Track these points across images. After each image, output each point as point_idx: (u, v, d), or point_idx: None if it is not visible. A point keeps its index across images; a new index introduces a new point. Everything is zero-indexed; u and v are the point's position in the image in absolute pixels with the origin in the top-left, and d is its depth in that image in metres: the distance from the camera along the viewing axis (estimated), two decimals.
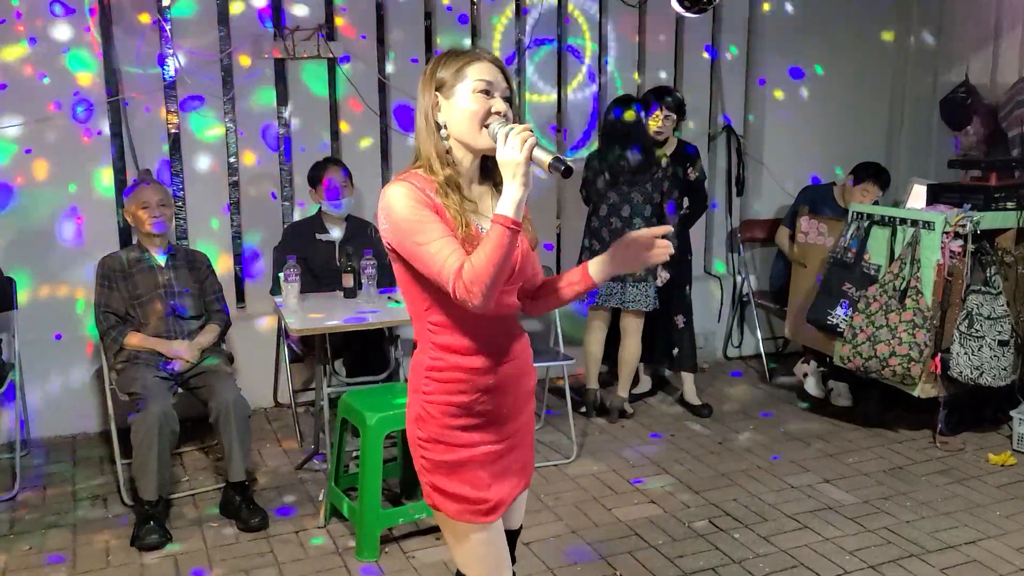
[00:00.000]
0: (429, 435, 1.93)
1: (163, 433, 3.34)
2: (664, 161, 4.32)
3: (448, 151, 1.87)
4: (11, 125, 4.09)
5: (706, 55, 5.40)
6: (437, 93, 1.86)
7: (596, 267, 2.02)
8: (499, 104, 1.83)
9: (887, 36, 5.64)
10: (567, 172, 1.74)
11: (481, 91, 1.82)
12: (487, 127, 1.81)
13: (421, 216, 1.78)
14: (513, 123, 1.80)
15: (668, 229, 2.02)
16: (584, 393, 4.60)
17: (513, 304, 1.96)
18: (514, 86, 1.89)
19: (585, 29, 5.06)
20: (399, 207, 1.80)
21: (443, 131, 1.87)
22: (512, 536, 2.13)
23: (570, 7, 5.01)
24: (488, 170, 1.93)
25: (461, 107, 1.83)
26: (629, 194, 4.28)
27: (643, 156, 4.26)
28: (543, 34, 4.98)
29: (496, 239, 1.71)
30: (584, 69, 5.09)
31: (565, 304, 2.12)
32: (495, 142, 1.77)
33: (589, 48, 5.09)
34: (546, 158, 1.74)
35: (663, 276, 4.36)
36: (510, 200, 1.72)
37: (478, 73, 1.83)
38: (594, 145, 4.92)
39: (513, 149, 1.71)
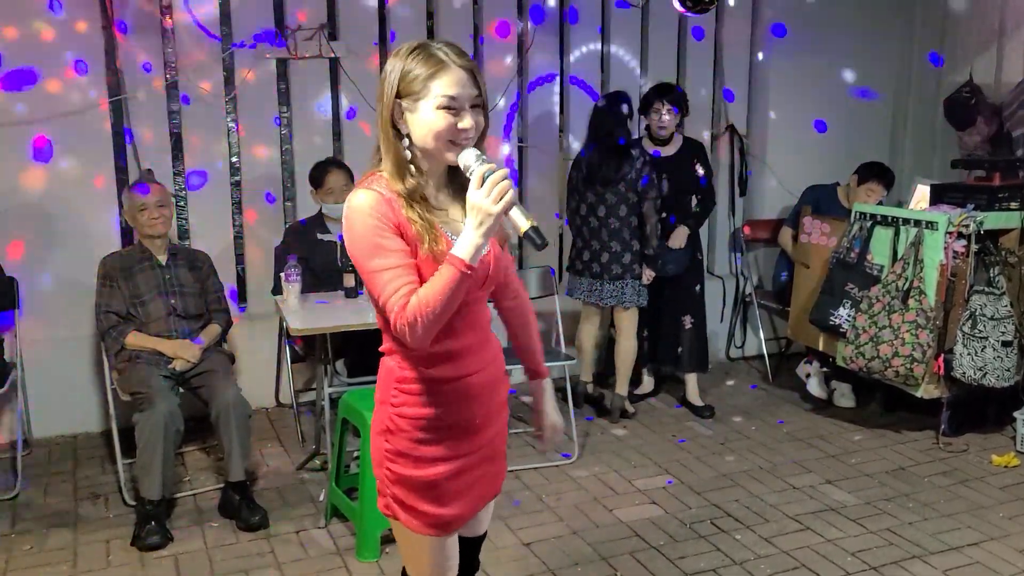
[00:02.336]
0: (396, 448, 1.86)
1: (168, 432, 3.34)
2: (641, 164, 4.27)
3: (411, 160, 1.76)
4: (12, 125, 4.10)
5: (708, 55, 5.40)
6: (399, 101, 1.74)
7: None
8: (466, 121, 1.71)
9: (891, 36, 5.62)
10: (542, 246, 1.65)
11: (446, 107, 1.70)
12: (453, 144, 1.71)
13: (380, 239, 1.70)
14: (488, 158, 1.69)
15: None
16: (575, 386, 4.58)
17: (484, 312, 1.91)
18: (485, 90, 1.76)
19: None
20: (359, 224, 1.71)
21: (405, 140, 1.76)
22: (476, 543, 2.11)
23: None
24: (456, 174, 1.81)
25: (425, 123, 1.72)
26: (603, 194, 4.26)
27: (619, 151, 4.22)
28: (543, 36, 4.97)
29: (447, 280, 1.65)
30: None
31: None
32: (467, 174, 1.67)
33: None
34: (523, 224, 1.63)
35: (648, 275, 4.35)
36: (470, 245, 1.64)
37: (443, 87, 1.70)
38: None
39: (488, 197, 1.61)
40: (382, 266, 1.70)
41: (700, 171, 4.56)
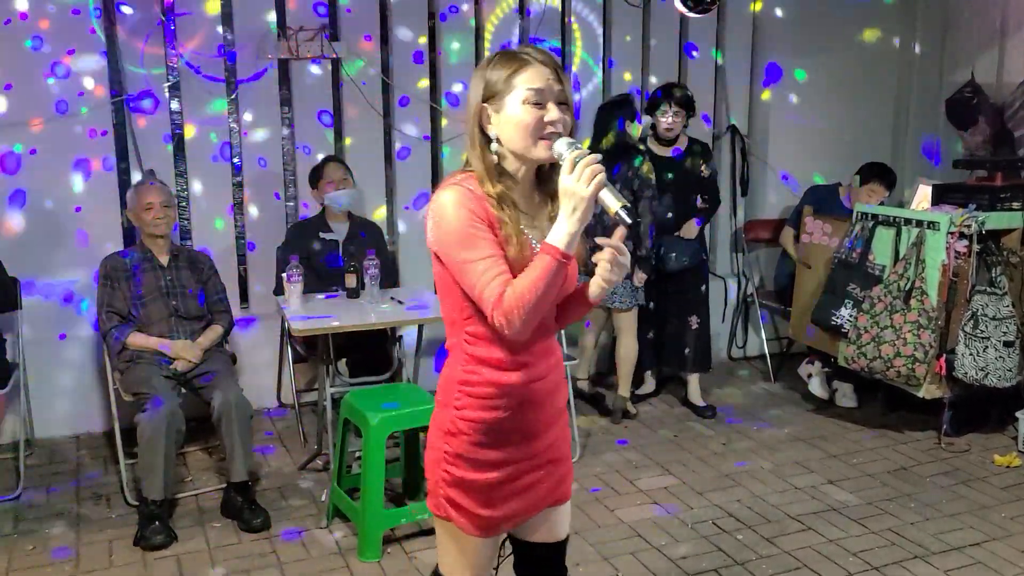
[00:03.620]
0: (456, 450, 1.85)
1: (170, 432, 3.35)
2: (643, 165, 4.26)
3: (498, 164, 1.78)
4: (15, 124, 4.10)
5: (711, 55, 5.39)
6: (486, 104, 1.76)
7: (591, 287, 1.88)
8: (552, 113, 1.73)
9: (892, 36, 5.62)
10: (633, 225, 1.68)
11: (532, 102, 1.72)
12: (545, 139, 1.72)
13: (473, 229, 1.70)
14: (577, 143, 1.71)
15: (612, 241, 1.77)
16: (573, 383, 4.57)
17: (550, 320, 1.90)
18: (569, 87, 1.79)
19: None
20: (452, 215, 1.71)
21: (493, 144, 1.77)
22: (559, 548, 2.06)
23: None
24: (543, 179, 1.84)
25: (512, 119, 1.73)
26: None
27: (617, 152, 4.22)
28: (545, 35, 4.97)
29: (543, 269, 1.65)
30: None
31: (579, 319, 2.00)
32: (560, 162, 1.68)
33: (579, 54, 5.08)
34: (613, 204, 1.65)
35: (639, 276, 4.35)
36: (564, 233, 1.65)
37: (528, 81, 1.72)
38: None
39: (580, 181, 1.63)
40: (477, 255, 1.70)
41: (706, 171, 4.57)
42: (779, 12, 5.40)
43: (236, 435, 3.46)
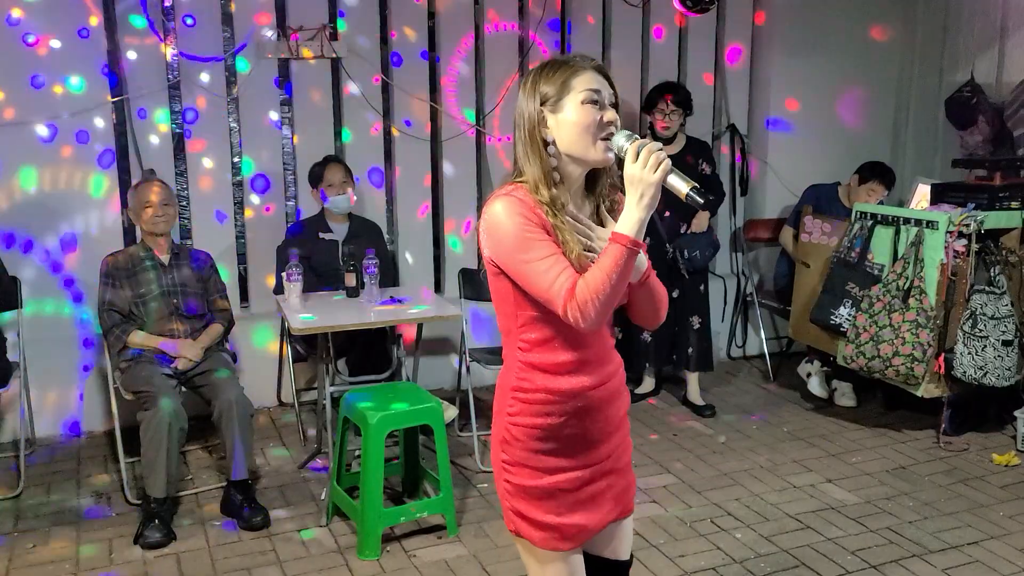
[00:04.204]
0: (514, 459, 1.85)
1: (172, 430, 3.36)
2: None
3: (555, 168, 1.78)
4: (16, 124, 4.11)
5: (710, 55, 5.40)
6: (542, 108, 1.78)
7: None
8: (610, 114, 1.76)
9: (892, 36, 5.62)
10: (706, 206, 1.72)
11: (590, 102, 1.74)
12: (605, 139, 1.75)
13: (530, 233, 1.72)
14: (635, 135, 1.74)
15: None
16: None
17: (608, 328, 1.89)
18: (618, 91, 1.82)
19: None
20: (507, 223, 1.73)
21: (551, 147, 1.78)
22: (623, 569, 2.04)
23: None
24: (591, 183, 1.86)
25: (571, 120, 1.75)
26: None
27: None
28: (544, 34, 4.98)
29: (614, 258, 1.67)
30: None
31: (643, 297, 1.89)
32: (621, 155, 1.71)
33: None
34: (683, 187, 1.68)
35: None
36: (633, 220, 1.67)
37: (585, 83, 1.75)
38: None
39: (647, 168, 1.65)
40: (536, 256, 1.71)
41: (706, 170, 4.58)
42: (779, 12, 5.40)
43: (237, 434, 3.47)
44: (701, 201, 1.69)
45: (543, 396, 1.82)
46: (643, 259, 1.84)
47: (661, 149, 1.68)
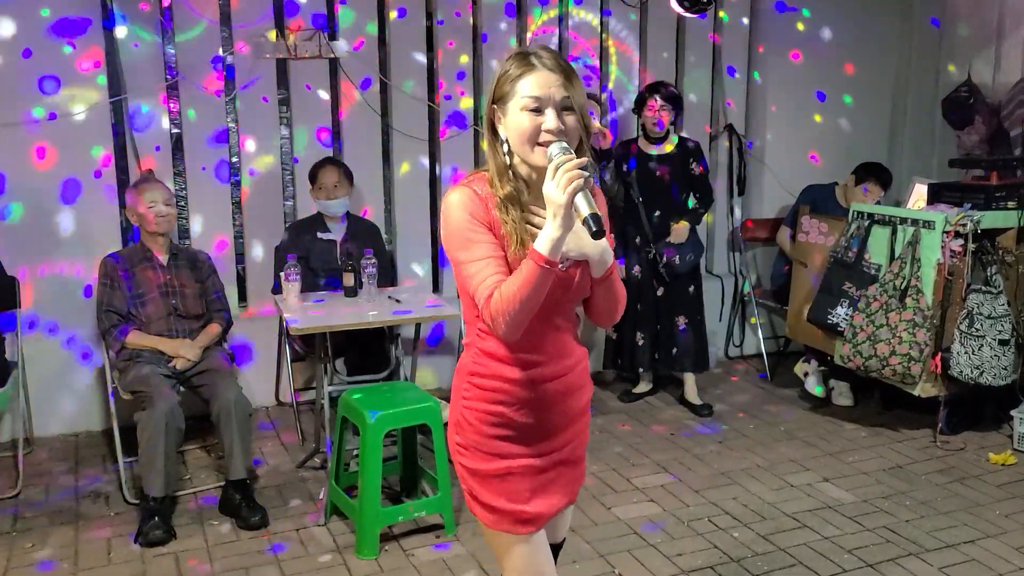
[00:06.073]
0: (466, 442, 1.89)
1: (170, 430, 3.36)
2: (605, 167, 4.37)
3: (510, 166, 1.80)
4: (16, 124, 4.12)
5: (707, 55, 5.41)
6: (494, 106, 1.80)
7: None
8: (550, 121, 1.73)
9: (889, 35, 5.63)
10: (597, 235, 1.66)
11: (530, 109, 1.73)
12: (539, 145, 1.74)
13: (472, 232, 1.75)
14: (570, 150, 1.71)
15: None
16: None
17: (569, 319, 1.91)
18: (579, 92, 1.77)
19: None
20: (453, 217, 1.77)
21: (505, 145, 1.80)
22: (554, 549, 2.08)
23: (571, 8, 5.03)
24: None
25: (511, 125, 1.77)
26: None
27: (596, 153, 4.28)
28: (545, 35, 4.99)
29: (526, 274, 1.67)
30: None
31: (600, 294, 1.89)
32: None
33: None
34: (583, 210, 1.65)
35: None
36: (546, 238, 1.66)
37: (528, 88, 1.74)
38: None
39: (557, 187, 1.64)
40: (472, 256, 1.75)
41: (697, 170, 4.58)
42: (775, 12, 5.41)
43: (235, 433, 3.47)
44: (593, 228, 1.64)
45: (497, 384, 1.85)
46: (609, 255, 1.82)
47: (585, 167, 1.65)
